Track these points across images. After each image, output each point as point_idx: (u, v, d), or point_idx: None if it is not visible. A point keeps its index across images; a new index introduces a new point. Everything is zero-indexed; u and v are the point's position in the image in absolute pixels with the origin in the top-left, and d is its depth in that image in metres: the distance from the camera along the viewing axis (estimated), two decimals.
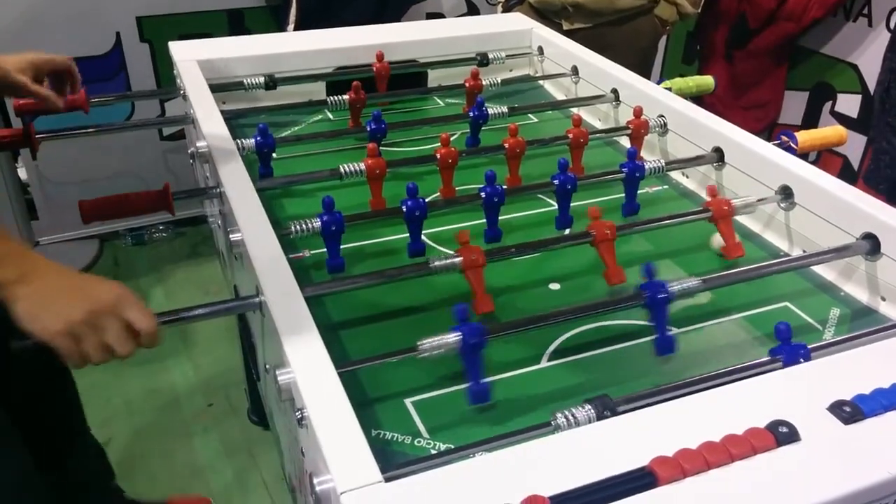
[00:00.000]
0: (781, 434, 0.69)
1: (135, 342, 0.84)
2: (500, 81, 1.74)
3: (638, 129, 1.42)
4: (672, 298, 0.94)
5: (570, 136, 1.37)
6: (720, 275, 1.04)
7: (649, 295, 0.93)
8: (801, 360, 0.85)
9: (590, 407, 0.77)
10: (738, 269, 1.06)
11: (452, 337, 0.85)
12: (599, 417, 0.76)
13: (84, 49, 2.40)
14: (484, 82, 1.66)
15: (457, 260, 1.01)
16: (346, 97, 1.55)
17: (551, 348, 0.99)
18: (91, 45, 2.41)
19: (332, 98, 1.56)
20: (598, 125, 1.64)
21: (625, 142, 1.52)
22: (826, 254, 1.09)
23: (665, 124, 1.45)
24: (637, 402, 0.80)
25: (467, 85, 1.64)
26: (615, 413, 0.76)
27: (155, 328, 0.84)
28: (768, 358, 0.87)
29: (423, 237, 1.15)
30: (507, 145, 1.32)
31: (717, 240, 1.17)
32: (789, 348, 0.86)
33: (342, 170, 1.25)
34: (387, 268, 1.05)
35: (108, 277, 0.88)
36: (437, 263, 1.00)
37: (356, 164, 1.25)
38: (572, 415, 0.77)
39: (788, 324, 0.87)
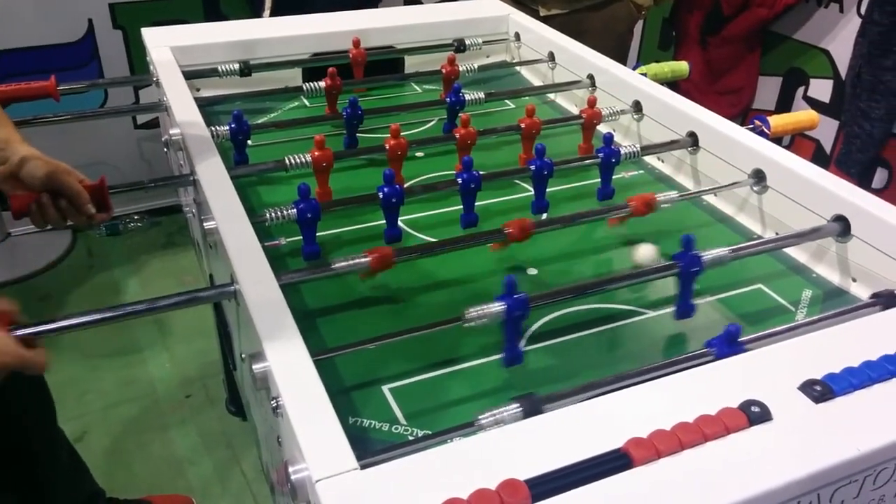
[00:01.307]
0: (753, 413, 0.70)
1: None
2: (476, 67, 1.73)
3: (590, 120, 1.42)
4: (703, 270, 0.98)
5: (523, 125, 1.36)
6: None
7: (683, 265, 0.98)
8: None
9: (517, 405, 0.76)
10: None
11: (497, 306, 0.87)
12: (526, 416, 0.74)
13: (56, 36, 2.37)
14: (461, 68, 1.66)
15: None
16: (322, 84, 1.54)
17: (528, 333, 0.99)
18: (63, 32, 2.38)
19: (308, 84, 1.55)
20: (575, 110, 1.64)
21: (601, 127, 1.52)
22: (798, 236, 1.10)
23: (619, 112, 1.47)
24: (612, 384, 0.81)
25: (444, 71, 1.64)
26: (539, 412, 0.74)
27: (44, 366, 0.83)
28: (744, 338, 0.88)
29: (399, 223, 1.15)
30: (457, 135, 1.32)
31: (640, 252, 1.15)
32: (726, 346, 0.86)
33: (288, 161, 1.24)
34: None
35: (83, 268, 0.86)
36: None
37: (302, 156, 1.23)
38: (494, 416, 0.75)
39: (740, 327, 0.87)
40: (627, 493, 0.63)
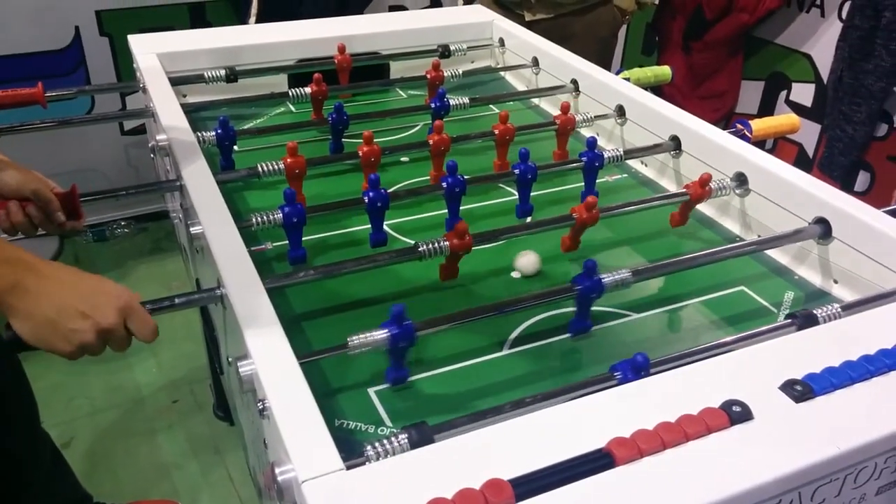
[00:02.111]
0: (735, 413, 0.71)
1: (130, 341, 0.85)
2: (461, 73, 1.74)
3: (564, 126, 1.43)
4: (601, 294, 0.97)
5: (496, 132, 1.37)
6: (678, 259, 1.06)
7: (581, 289, 0.96)
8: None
9: (405, 436, 0.72)
10: (695, 255, 1.07)
11: (381, 334, 0.85)
12: (413, 446, 0.71)
13: (42, 44, 2.36)
14: (445, 74, 1.67)
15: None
16: (307, 90, 1.54)
17: (513, 336, 1.00)
18: (49, 39, 2.37)
19: (293, 90, 1.55)
20: None
21: (585, 131, 1.54)
22: (780, 238, 1.12)
23: (592, 118, 1.49)
24: (596, 385, 0.82)
25: (428, 76, 1.65)
26: (431, 441, 0.72)
27: (155, 336, 0.86)
28: (727, 339, 0.89)
29: (385, 227, 1.15)
30: (431, 142, 1.32)
31: (522, 262, 1.13)
32: (632, 373, 0.83)
33: (260, 168, 1.23)
34: (349, 258, 1.05)
35: None
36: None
37: (275, 163, 1.23)
38: (383, 445, 0.71)
39: (647, 358, 0.82)
40: (610, 492, 0.64)
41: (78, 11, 2.36)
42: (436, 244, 1.02)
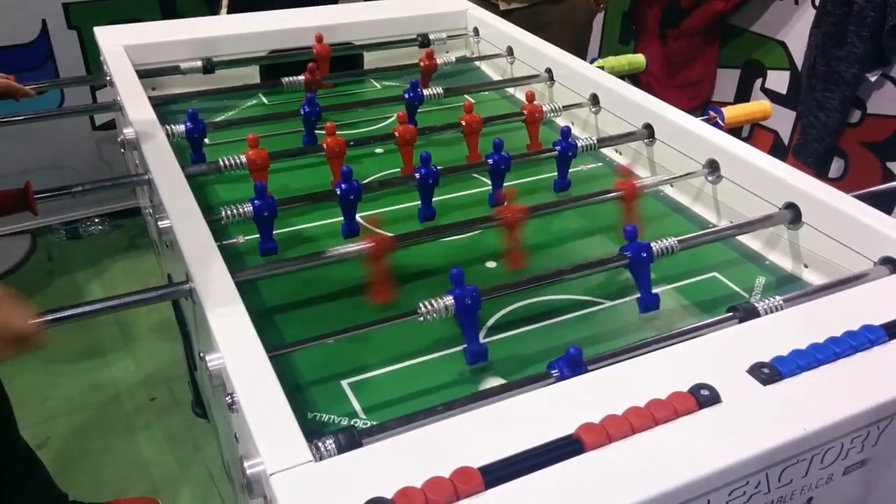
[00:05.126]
0: (703, 397, 0.71)
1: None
2: (455, 59, 1.74)
3: (532, 115, 1.43)
4: (652, 259, 0.99)
5: (464, 122, 1.36)
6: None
7: (631, 256, 0.98)
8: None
9: (331, 441, 0.69)
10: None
11: (447, 300, 0.87)
12: (340, 451, 0.68)
13: (8, 37, 2.33)
14: (428, 63, 1.66)
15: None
16: (301, 78, 1.54)
17: (487, 325, 1.00)
18: (16, 33, 2.33)
19: (286, 79, 1.55)
20: None
21: (560, 120, 1.54)
22: (751, 224, 1.12)
23: (560, 108, 1.49)
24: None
25: (422, 64, 1.65)
26: (360, 445, 0.69)
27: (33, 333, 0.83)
28: (695, 324, 0.90)
29: (357, 218, 1.15)
30: (397, 134, 1.30)
31: None
32: (568, 369, 0.81)
33: (221, 163, 1.21)
34: (320, 250, 1.04)
35: (42, 273, 0.85)
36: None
37: (236, 157, 1.21)
38: (316, 448, 0.69)
39: (580, 349, 0.81)
40: (579, 477, 0.64)
41: (45, 4, 2.33)
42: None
